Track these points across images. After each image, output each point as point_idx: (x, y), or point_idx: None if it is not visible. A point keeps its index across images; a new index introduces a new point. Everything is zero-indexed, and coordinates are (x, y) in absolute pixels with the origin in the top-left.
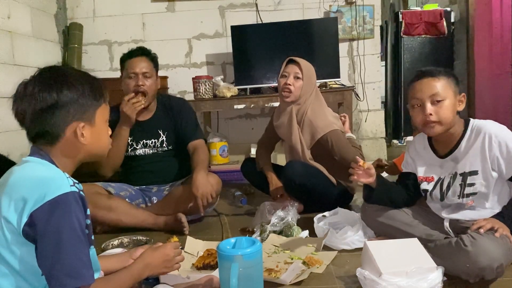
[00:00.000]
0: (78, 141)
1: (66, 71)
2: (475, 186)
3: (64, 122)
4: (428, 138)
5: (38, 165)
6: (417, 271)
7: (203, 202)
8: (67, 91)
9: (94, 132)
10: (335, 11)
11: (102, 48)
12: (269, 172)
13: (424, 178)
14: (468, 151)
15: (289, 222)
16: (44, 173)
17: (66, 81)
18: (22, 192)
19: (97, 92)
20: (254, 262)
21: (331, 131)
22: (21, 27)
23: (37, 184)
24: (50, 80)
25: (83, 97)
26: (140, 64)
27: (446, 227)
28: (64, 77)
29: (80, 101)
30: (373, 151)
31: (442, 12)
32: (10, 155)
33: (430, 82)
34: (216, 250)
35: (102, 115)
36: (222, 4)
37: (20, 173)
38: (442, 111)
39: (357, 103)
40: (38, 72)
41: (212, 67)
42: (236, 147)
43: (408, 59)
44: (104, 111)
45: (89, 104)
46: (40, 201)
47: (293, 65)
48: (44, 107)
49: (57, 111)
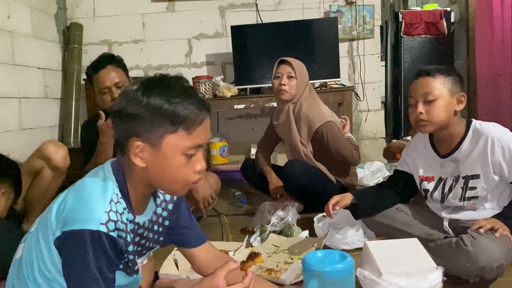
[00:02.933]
0: (136, 160)
1: (170, 83)
2: (476, 190)
3: (129, 133)
4: (429, 137)
5: (99, 181)
6: (417, 271)
7: (204, 205)
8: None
9: (158, 158)
10: (335, 11)
11: (102, 48)
12: (268, 171)
13: (424, 178)
14: (469, 154)
15: (289, 222)
16: (91, 194)
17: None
18: (61, 208)
19: (179, 118)
20: (345, 281)
21: (326, 123)
22: (21, 27)
23: (75, 204)
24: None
25: (154, 115)
26: (109, 76)
27: (446, 227)
28: (157, 88)
29: (152, 119)
30: (373, 151)
31: (442, 12)
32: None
33: (424, 81)
34: (302, 264)
35: (174, 143)
36: (222, 4)
37: (87, 180)
38: (433, 110)
39: (357, 103)
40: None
41: (212, 67)
42: (236, 147)
43: (408, 59)
44: (180, 140)
45: (160, 125)
46: (66, 226)
47: (285, 65)
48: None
49: (127, 119)
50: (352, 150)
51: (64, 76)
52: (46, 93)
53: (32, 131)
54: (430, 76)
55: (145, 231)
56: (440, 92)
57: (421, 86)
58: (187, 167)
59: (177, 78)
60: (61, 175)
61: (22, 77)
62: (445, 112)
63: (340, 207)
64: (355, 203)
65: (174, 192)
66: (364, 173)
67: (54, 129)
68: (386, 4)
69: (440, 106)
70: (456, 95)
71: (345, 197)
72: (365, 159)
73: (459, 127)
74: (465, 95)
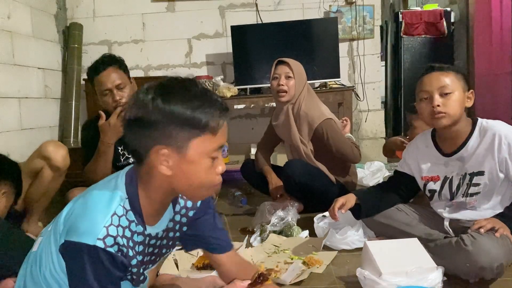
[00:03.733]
0: (161, 169)
1: (185, 86)
2: (479, 186)
3: (151, 141)
4: (432, 136)
5: (107, 192)
6: (417, 271)
7: None
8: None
9: (184, 163)
10: (335, 11)
11: (102, 48)
12: (268, 171)
13: (429, 178)
14: (475, 151)
15: (289, 222)
16: (95, 205)
17: (174, 97)
18: (66, 218)
19: (204, 121)
20: None
21: (325, 121)
22: (21, 27)
23: (80, 213)
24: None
25: (178, 121)
26: (110, 78)
27: (446, 227)
28: (173, 93)
29: (174, 125)
30: (373, 151)
31: (442, 12)
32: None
33: (439, 76)
34: None
35: (201, 147)
36: (222, 4)
37: (97, 187)
38: (450, 103)
39: (357, 103)
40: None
41: (212, 67)
42: (236, 147)
43: (408, 59)
44: (205, 143)
45: (184, 130)
46: (68, 234)
47: (283, 66)
48: (137, 119)
49: (147, 127)
50: (352, 147)
51: (64, 76)
52: (46, 93)
53: (32, 131)
54: (444, 71)
55: (158, 240)
56: (455, 86)
57: (436, 80)
58: (212, 170)
59: (191, 80)
60: (61, 175)
61: (22, 77)
62: (460, 106)
63: (345, 210)
64: (357, 204)
65: (199, 197)
66: (364, 173)
67: (54, 129)
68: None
69: (456, 99)
70: (466, 91)
71: (350, 199)
72: (365, 159)
73: (465, 125)
74: (473, 92)
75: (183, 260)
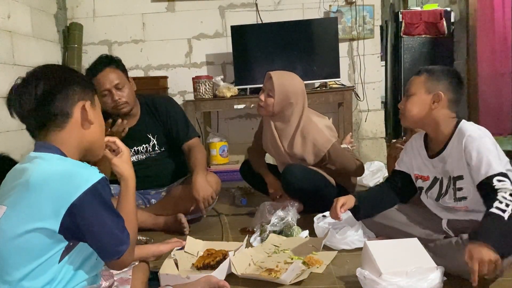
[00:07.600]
0: (84, 124)
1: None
2: (463, 190)
3: (73, 100)
4: (424, 137)
5: (55, 160)
6: (417, 271)
7: (204, 205)
8: (71, 74)
9: (96, 115)
10: (335, 11)
11: (102, 48)
12: (266, 174)
13: (420, 176)
14: (452, 154)
15: (289, 222)
16: (68, 166)
17: (67, 68)
18: (54, 188)
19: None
20: None
21: (331, 147)
22: (21, 27)
23: (68, 177)
24: (52, 67)
25: (83, 80)
26: (108, 78)
27: (445, 227)
28: (63, 66)
29: (83, 82)
30: (373, 151)
31: (442, 12)
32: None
33: (411, 79)
34: None
35: (98, 102)
36: (222, 4)
37: (42, 170)
38: (407, 104)
39: (357, 103)
40: (37, 67)
41: (212, 67)
42: (236, 147)
43: (408, 59)
44: (97, 100)
45: (90, 86)
46: (78, 191)
47: (271, 81)
48: (53, 87)
49: (65, 90)
50: (355, 163)
51: None
52: None
53: None
54: (418, 74)
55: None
56: (416, 89)
57: (408, 82)
58: (103, 123)
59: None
60: None
61: None
62: (417, 108)
63: (345, 209)
64: (356, 205)
65: (97, 155)
66: (364, 173)
67: None
68: (386, 4)
69: (414, 101)
70: (432, 93)
71: (350, 200)
72: (365, 159)
73: (448, 127)
74: (440, 94)
75: (183, 260)
